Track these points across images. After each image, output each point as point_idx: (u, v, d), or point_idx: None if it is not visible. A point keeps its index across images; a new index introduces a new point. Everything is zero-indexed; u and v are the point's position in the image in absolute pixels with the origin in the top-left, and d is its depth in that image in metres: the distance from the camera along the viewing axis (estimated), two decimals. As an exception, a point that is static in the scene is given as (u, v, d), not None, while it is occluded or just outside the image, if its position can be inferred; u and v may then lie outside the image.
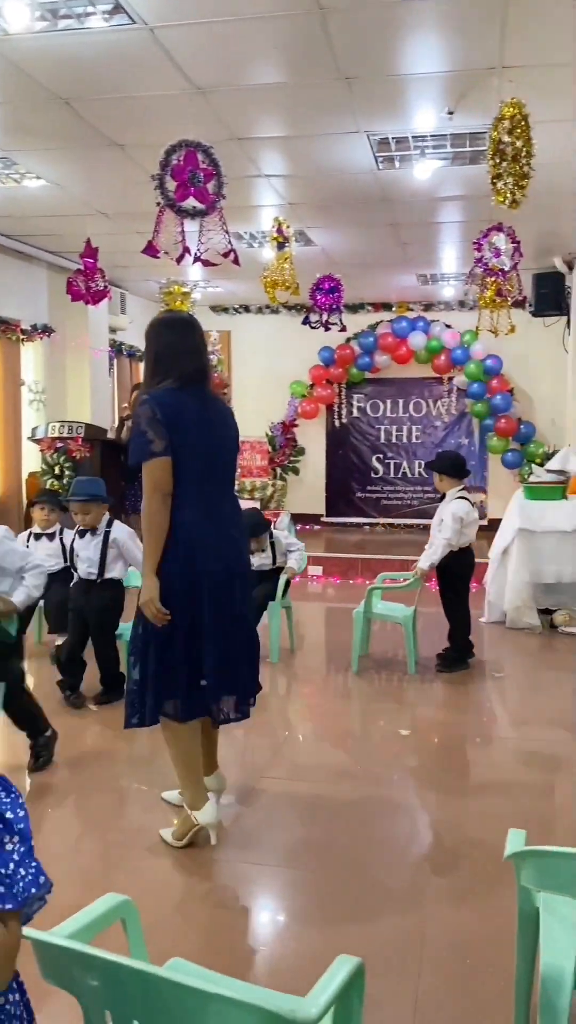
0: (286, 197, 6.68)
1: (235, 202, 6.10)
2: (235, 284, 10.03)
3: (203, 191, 4.79)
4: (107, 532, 4.34)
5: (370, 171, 5.99)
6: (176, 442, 2.66)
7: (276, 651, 5.23)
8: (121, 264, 8.98)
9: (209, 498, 2.75)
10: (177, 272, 8.82)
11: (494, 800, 3.29)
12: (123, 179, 6.22)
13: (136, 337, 10.53)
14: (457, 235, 7.82)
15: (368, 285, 10.02)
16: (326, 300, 8.19)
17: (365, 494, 11.35)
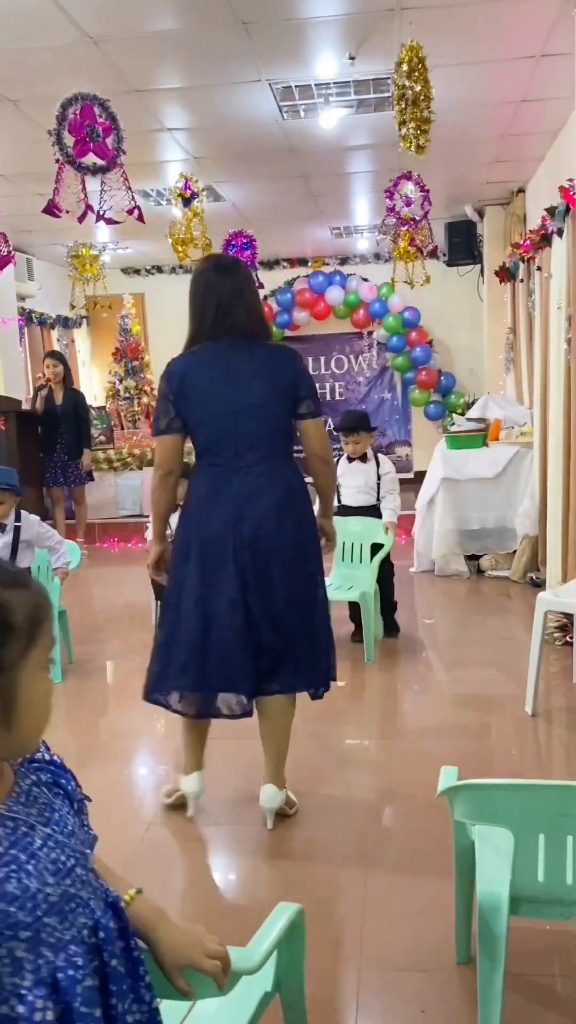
0: (191, 151, 6.52)
1: (138, 158, 5.93)
2: (146, 244, 9.78)
3: (103, 146, 4.62)
4: (16, 527, 4.20)
5: (275, 121, 5.88)
6: (185, 413, 2.58)
7: None
8: (25, 228, 8.63)
9: (217, 472, 2.57)
10: (85, 234, 8.53)
11: (432, 743, 3.37)
12: (19, 137, 5.95)
13: (46, 303, 10.19)
14: (368, 185, 7.77)
15: (282, 240, 9.91)
16: (240, 257, 8.07)
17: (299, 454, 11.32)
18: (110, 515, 8.81)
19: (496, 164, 7.23)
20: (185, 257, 6.71)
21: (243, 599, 2.54)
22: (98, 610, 6.08)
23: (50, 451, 7.73)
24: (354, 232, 9.70)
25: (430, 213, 6.35)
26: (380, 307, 10.48)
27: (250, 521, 2.55)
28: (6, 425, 7.28)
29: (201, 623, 2.56)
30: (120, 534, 8.64)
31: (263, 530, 2.55)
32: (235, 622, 2.53)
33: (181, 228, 6.40)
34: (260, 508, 2.56)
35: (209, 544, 2.55)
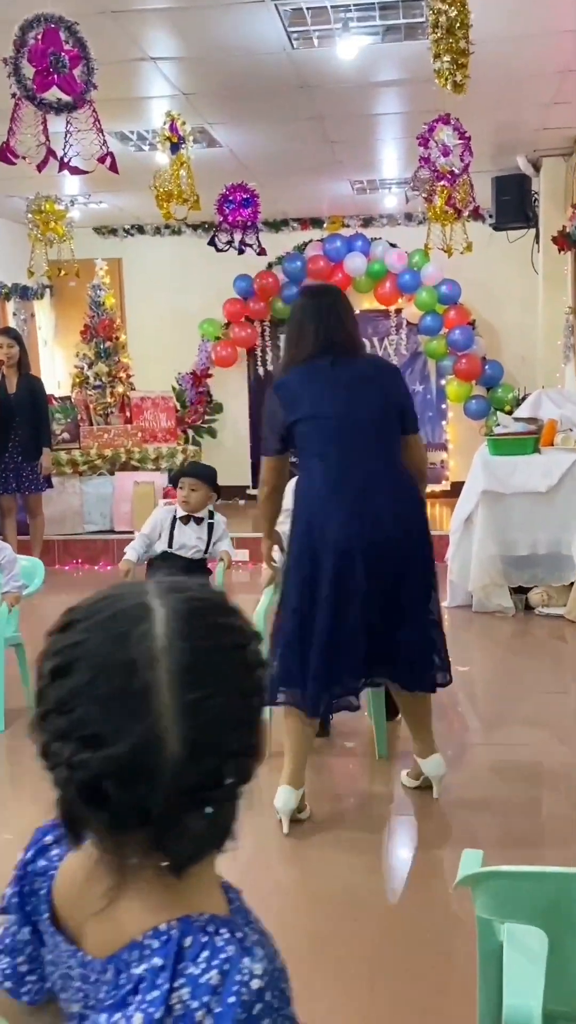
0: (180, 86, 6.59)
1: (115, 93, 5.99)
2: (124, 198, 9.88)
3: (69, 79, 4.70)
4: None
5: (282, 50, 5.95)
6: (297, 419, 3.21)
7: None
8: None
9: (335, 477, 3.18)
10: (49, 185, 8.62)
11: (464, 820, 3.37)
12: (-32, 65, 6.04)
13: (2, 270, 10.29)
14: (398, 130, 7.83)
15: (292, 196, 9.98)
16: (238, 215, 8.15)
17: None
18: (73, 530, 8.85)
19: (554, 106, 7.28)
20: (170, 216, 6.78)
21: (371, 598, 3.14)
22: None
23: (0, 451, 7.77)
24: (380, 187, 9.77)
25: (471, 165, 6.42)
26: (411, 279, 10.54)
27: (377, 525, 3.15)
28: (-49, 414, 7.34)
29: (331, 622, 3.13)
30: (85, 554, 8.68)
31: (391, 533, 3.17)
32: (364, 620, 3.15)
33: (167, 179, 6.47)
34: (385, 512, 3.17)
35: (334, 546, 3.12)
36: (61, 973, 1.02)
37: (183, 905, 0.93)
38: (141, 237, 11.47)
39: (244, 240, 8.30)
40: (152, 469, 9.11)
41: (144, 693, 0.85)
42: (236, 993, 0.86)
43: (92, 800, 0.87)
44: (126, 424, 9.47)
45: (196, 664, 0.88)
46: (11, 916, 1.07)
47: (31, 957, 1.07)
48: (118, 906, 0.95)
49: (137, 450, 9.14)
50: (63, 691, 0.88)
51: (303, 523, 3.23)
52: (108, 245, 11.32)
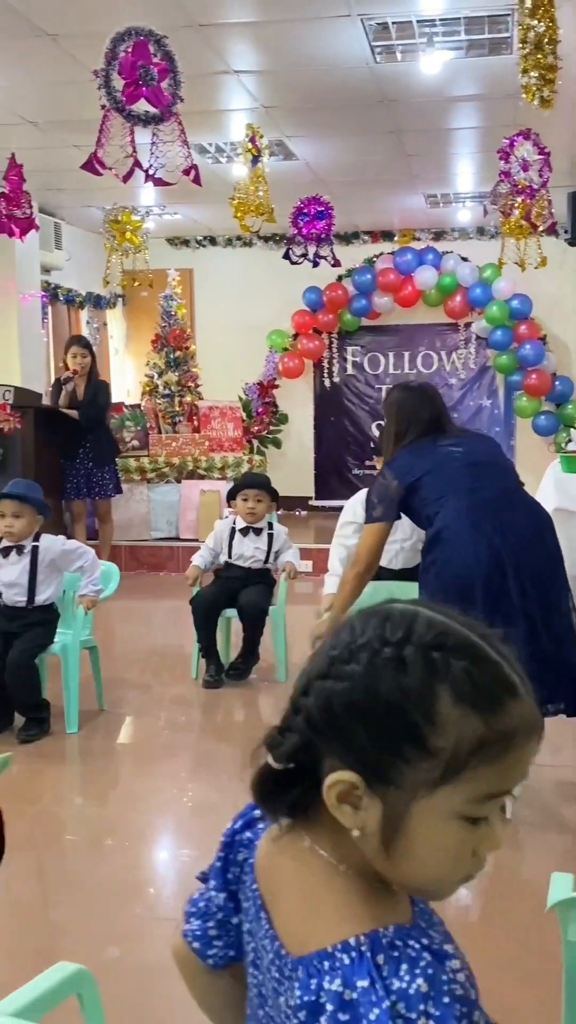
0: (260, 99, 6.65)
1: (196, 106, 6.06)
2: (198, 210, 9.98)
3: (157, 91, 4.77)
4: (35, 548, 4.30)
5: (365, 64, 5.97)
6: (421, 472, 3.29)
7: (283, 668, 5.25)
8: (54, 187, 8.90)
9: (473, 511, 3.21)
10: (126, 195, 8.75)
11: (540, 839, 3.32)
12: (55, 78, 6.15)
13: (75, 278, 10.45)
14: (474, 144, 7.81)
15: (364, 209, 10.00)
16: (312, 228, 8.17)
17: (364, 471, 11.36)
18: (140, 536, 8.93)
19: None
20: (248, 229, 6.82)
21: (533, 622, 3.14)
22: (126, 650, 6.15)
23: (71, 456, 7.86)
24: (454, 201, 9.74)
25: (550, 181, 6.37)
26: (482, 293, 10.48)
27: (523, 551, 3.18)
28: (23, 423, 7.44)
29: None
30: (151, 560, 8.74)
31: (537, 559, 3.21)
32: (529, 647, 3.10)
33: (248, 191, 6.52)
34: (527, 538, 3.21)
35: (484, 584, 3.12)
36: (256, 946, 1.05)
37: (373, 917, 0.94)
38: (213, 248, 11.57)
39: (318, 252, 8.32)
40: (218, 478, 9.15)
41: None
42: (448, 992, 0.88)
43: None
44: (194, 433, 9.54)
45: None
46: (210, 882, 1.13)
47: (221, 922, 1.13)
48: (313, 906, 0.97)
49: (204, 459, 9.20)
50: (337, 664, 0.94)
51: (457, 560, 3.21)
52: (181, 256, 11.43)
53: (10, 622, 4.29)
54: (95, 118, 5.09)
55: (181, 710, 4.91)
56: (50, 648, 4.34)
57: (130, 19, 4.80)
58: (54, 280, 10.11)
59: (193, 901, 1.16)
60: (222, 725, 4.79)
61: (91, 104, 5.32)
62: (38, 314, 9.55)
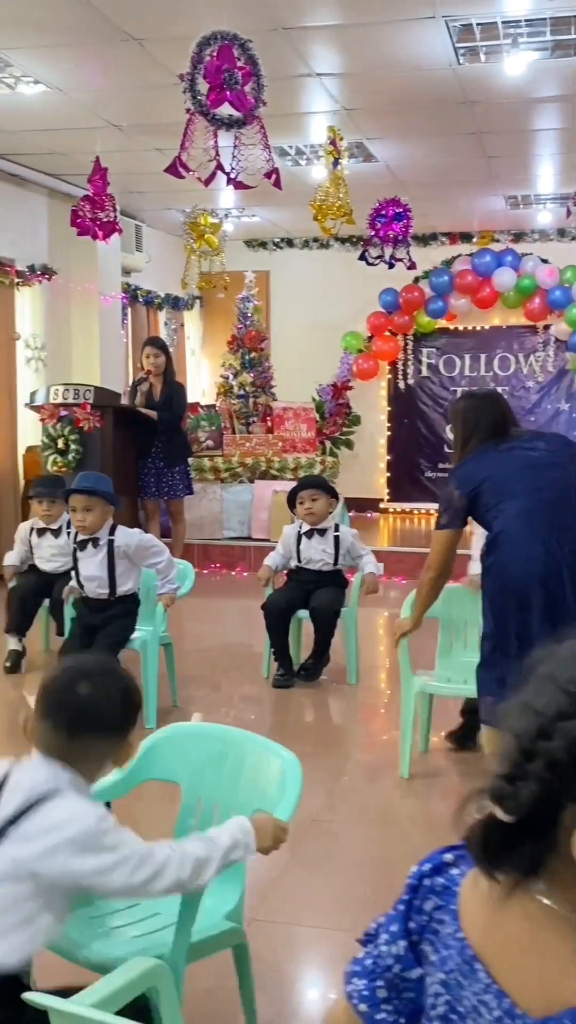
0: (342, 101, 6.65)
1: (277, 108, 6.07)
2: (276, 212, 10.02)
3: (240, 95, 4.80)
4: (110, 542, 4.37)
5: (448, 66, 5.93)
6: (482, 479, 3.33)
7: (354, 670, 5.25)
8: (136, 189, 9.01)
9: (529, 520, 3.24)
10: (204, 198, 8.83)
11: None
12: (140, 82, 6.23)
13: (154, 280, 10.57)
14: (557, 145, 7.70)
15: (443, 211, 9.93)
16: (390, 230, 8.14)
17: (437, 473, 11.28)
18: (212, 536, 9.00)
19: None
20: (329, 231, 6.82)
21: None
22: (198, 648, 6.20)
23: (144, 456, 7.96)
24: (535, 202, 9.63)
25: None
26: (562, 296, 10.32)
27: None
28: (103, 422, 7.56)
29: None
30: (223, 559, 8.81)
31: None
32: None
33: (330, 193, 6.52)
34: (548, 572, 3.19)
35: (540, 586, 3.15)
36: (461, 1000, 0.96)
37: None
38: (290, 250, 11.60)
39: (394, 254, 8.29)
40: (290, 479, 9.15)
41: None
42: None
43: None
44: (267, 433, 9.58)
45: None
46: (383, 934, 1.04)
47: (393, 981, 1.03)
48: (550, 963, 0.92)
49: (277, 459, 9.23)
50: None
51: (510, 570, 3.25)
52: (257, 258, 11.49)
53: (94, 614, 4.37)
54: (178, 121, 5.14)
55: (252, 709, 4.94)
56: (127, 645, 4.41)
57: (215, 23, 4.83)
58: (134, 282, 10.24)
59: (357, 961, 1.07)
60: (292, 725, 4.81)
61: (174, 108, 5.38)
62: (118, 315, 9.69)
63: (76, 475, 4.96)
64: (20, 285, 8.53)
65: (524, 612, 3.15)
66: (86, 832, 1.58)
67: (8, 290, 8.35)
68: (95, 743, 1.73)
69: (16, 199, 8.58)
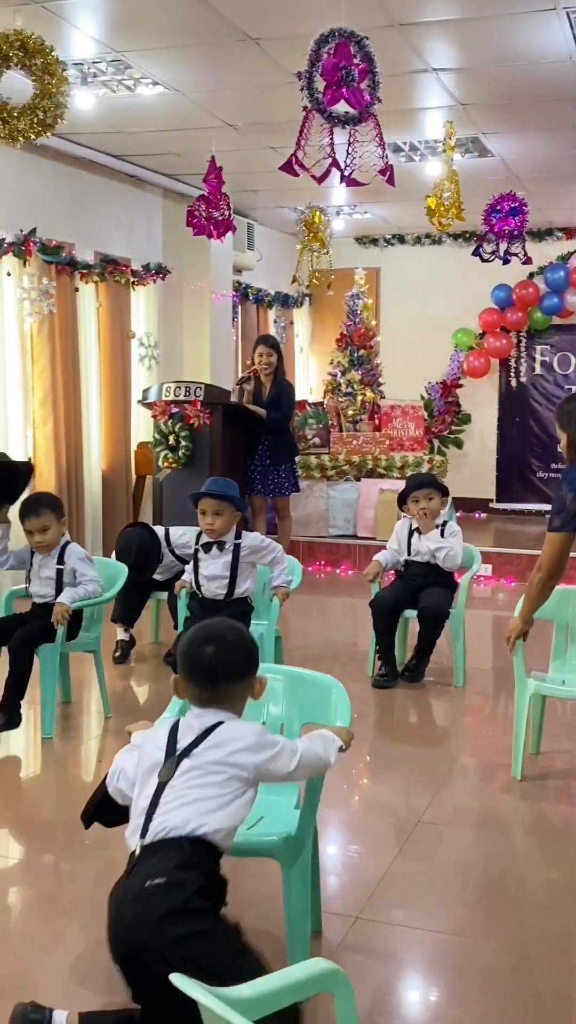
0: (458, 96, 6.58)
1: (392, 104, 6.04)
2: (388, 208, 9.97)
3: (357, 92, 4.80)
4: (236, 545, 4.46)
5: (569, 59, 5.81)
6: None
7: (461, 672, 5.22)
8: (248, 188, 9.09)
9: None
10: (316, 196, 8.86)
11: None
12: (256, 81, 6.29)
13: (264, 278, 10.65)
14: None
15: (559, 205, 9.74)
16: (505, 225, 8.02)
17: (549, 474, 11.07)
18: (318, 533, 9.02)
19: None
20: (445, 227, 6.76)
21: None
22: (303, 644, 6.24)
23: (251, 453, 8.00)
24: None
25: None
26: None
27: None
28: (212, 420, 7.65)
29: None
30: (328, 556, 8.82)
31: None
32: None
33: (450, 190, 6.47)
34: None
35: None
36: None
37: None
38: (401, 247, 11.54)
39: (508, 249, 8.16)
40: (398, 477, 9.10)
41: None
42: None
43: None
44: (375, 431, 9.55)
45: None
46: None
47: None
48: None
49: (384, 458, 9.19)
50: None
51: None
52: (368, 255, 11.47)
53: (208, 613, 4.45)
54: (293, 120, 5.17)
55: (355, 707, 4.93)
56: None
57: (332, 21, 4.84)
58: (245, 280, 10.33)
59: None
60: (397, 725, 4.80)
61: (288, 106, 5.41)
62: (229, 314, 9.80)
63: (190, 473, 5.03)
64: (135, 284, 8.70)
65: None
66: (257, 737, 2.20)
67: (124, 289, 8.53)
68: (231, 688, 2.25)
69: (132, 199, 8.76)
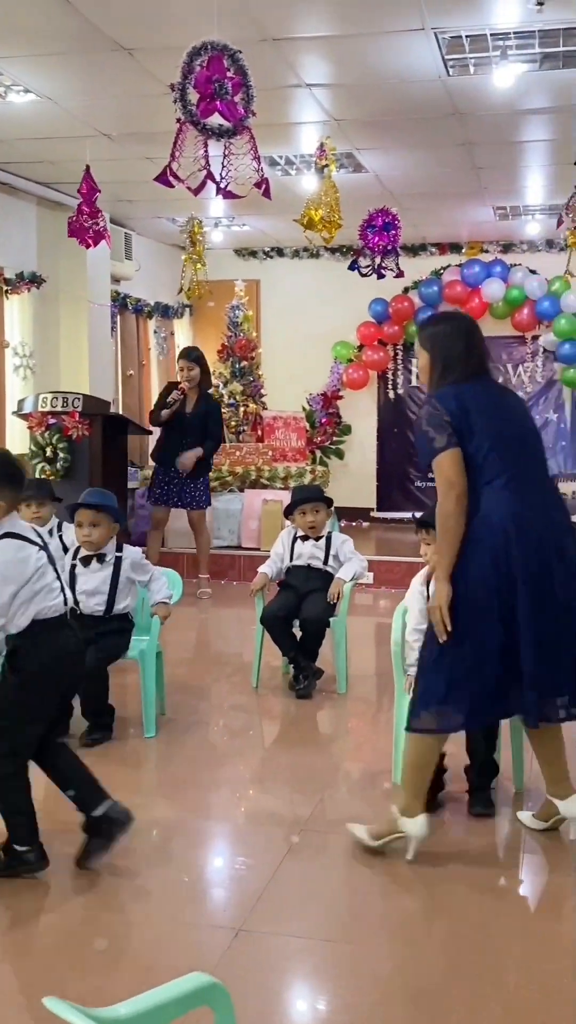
0: (332, 112, 6.68)
1: (267, 118, 6.10)
2: (266, 221, 10.05)
3: (230, 105, 4.81)
4: (117, 559, 4.40)
5: (437, 78, 5.97)
6: (465, 431, 3.10)
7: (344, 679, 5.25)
8: (125, 198, 9.04)
9: (524, 482, 3.12)
10: (194, 207, 8.86)
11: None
12: (131, 91, 6.26)
13: (144, 288, 10.58)
14: (545, 156, 7.76)
15: (432, 221, 9.99)
16: (379, 240, 8.17)
17: (427, 483, 11.30)
18: (202, 544, 8.97)
19: None
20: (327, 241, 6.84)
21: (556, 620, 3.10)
22: (186, 658, 6.20)
23: (166, 465, 7.73)
24: (523, 213, 9.69)
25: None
26: (551, 306, 10.39)
27: (564, 524, 3.16)
28: (91, 431, 7.55)
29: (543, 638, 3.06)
30: (213, 568, 8.77)
31: (569, 534, 3.17)
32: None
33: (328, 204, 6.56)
34: (561, 531, 3.15)
35: (530, 571, 3.03)
36: None
37: None
38: (280, 259, 11.64)
39: (383, 264, 8.32)
40: (281, 488, 9.17)
41: None
42: None
43: None
44: (258, 442, 9.59)
45: None
46: None
47: None
48: None
49: (267, 468, 9.23)
50: None
51: (490, 544, 3.07)
52: (248, 267, 11.53)
53: (87, 630, 4.35)
54: (168, 130, 5.15)
55: (241, 717, 4.94)
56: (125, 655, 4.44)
57: (205, 33, 4.85)
58: (123, 290, 10.25)
59: None
60: (280, 734, 4.81)
61: (164, 117, 5.40)
62: (107, 323, 9.70)
63: (68, 486, 4.94)
64: (9, 293, 8.53)
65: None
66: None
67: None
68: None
69: (5, 207, 8.59)
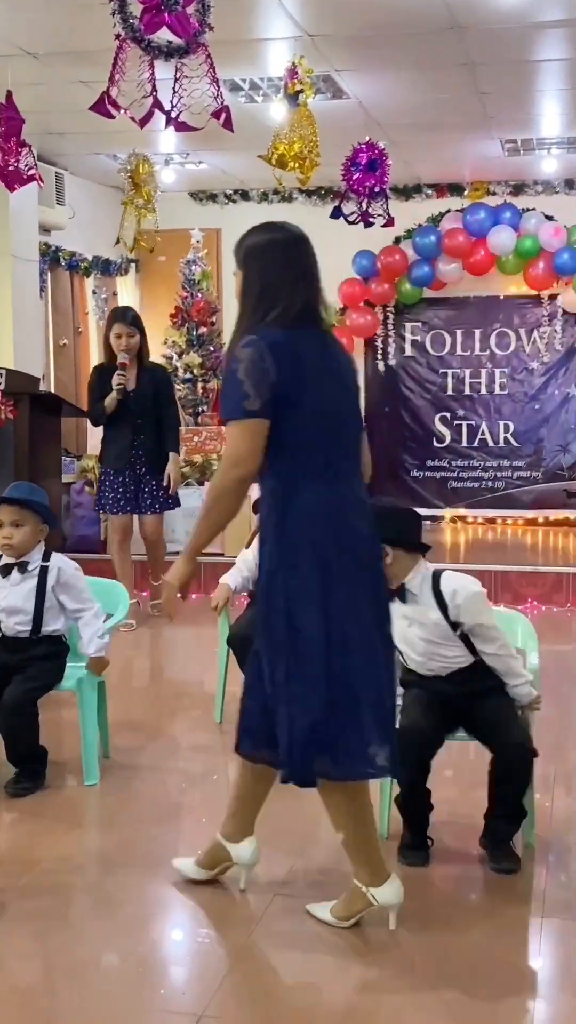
0: (305, 26, 6.67)
1: (228, 35, 6.09)
2: (228, 158, 10.02)
3: (182, 18, 4.81)
4: (43, 568, 4.33)
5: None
6: (293, 398, 2.94)
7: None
8: (55, 130, 8.97)
9: (338, 470, 3.05)
10: (141, 141, 8.82)
11: None
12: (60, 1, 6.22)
13: (80, 240, 10.53)
14: (564, 80, 7.80)
15: (428, 157, 9.99)
16: (365, 180, 8.17)
17: (425, 472, 11.36)
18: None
19: None
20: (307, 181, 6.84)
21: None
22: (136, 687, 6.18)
23: (120, 463, 7.34)
24: (537, 147, 9.73)
25: None
26: (571, 259, 10.44)
27: (371, 531, 3.13)
28: (16, 414, 7.47)
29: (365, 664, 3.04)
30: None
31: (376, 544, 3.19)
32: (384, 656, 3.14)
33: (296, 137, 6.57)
34: (369, 527, 3.12)
35: (349, 568, 3.00)
36: None
37: None
38: (245, 204, 11.59)
39: (370, 210, 8.31)
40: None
41: None
42: None
43: None
44: (220, 426, 9.57)
45: None
46: None
47: None
48: None
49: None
50: None
51: (305, 535, 2.97)
52: (206, 213, 11.49)
53: (11, 655, 4.31)
54: (107, 48, 5.14)
55: (201, 761, 4.92)
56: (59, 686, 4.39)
57: None
58: (55, 242, 10.18)
59: None
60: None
61: (102, 32, 5.36)
62: (35, 282, 9.63)
63: (5, 484, 4.88)
64: None
65: None
66: None
67: None
68: None
69: None
